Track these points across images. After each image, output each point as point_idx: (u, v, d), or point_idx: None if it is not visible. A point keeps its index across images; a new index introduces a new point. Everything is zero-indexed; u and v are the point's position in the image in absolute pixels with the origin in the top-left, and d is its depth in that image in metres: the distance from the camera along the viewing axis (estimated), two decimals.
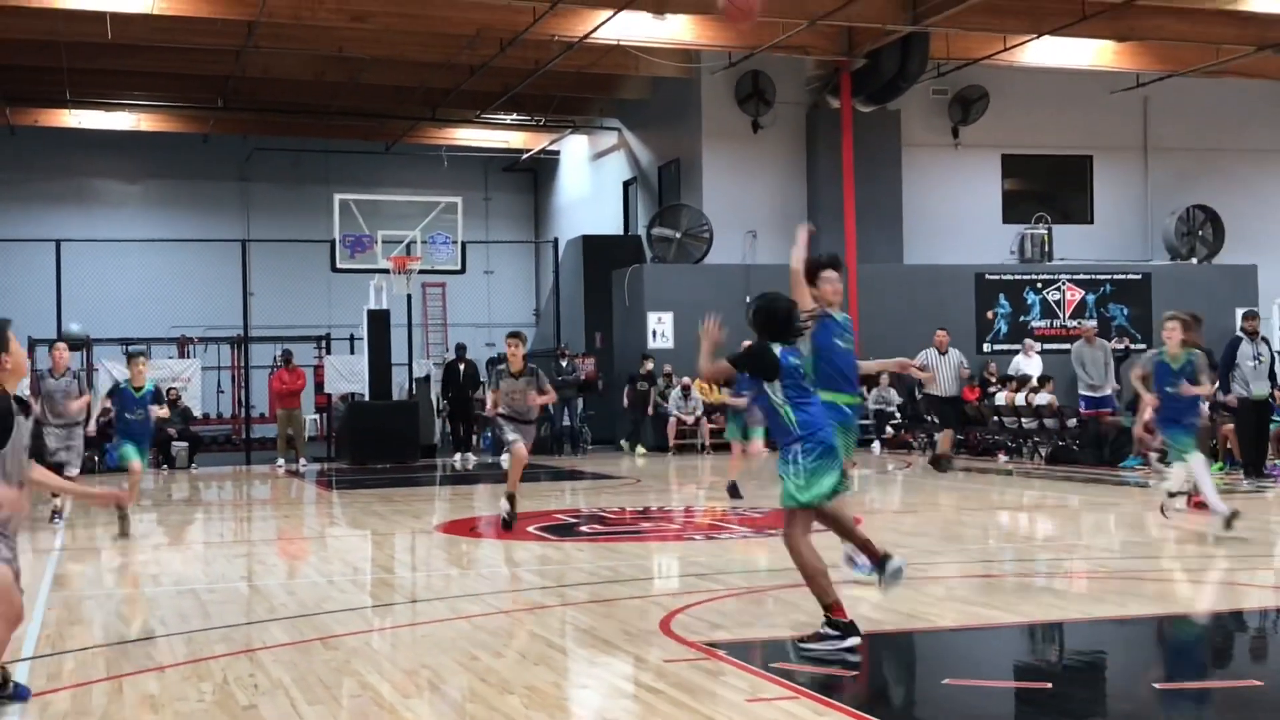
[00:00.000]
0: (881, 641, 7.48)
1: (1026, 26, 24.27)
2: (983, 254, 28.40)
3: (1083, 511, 15.22)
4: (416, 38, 24.82)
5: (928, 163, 28.75)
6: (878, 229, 27.43)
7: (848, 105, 26.93)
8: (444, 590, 9.94)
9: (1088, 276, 28.29)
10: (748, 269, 26.68)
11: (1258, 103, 29.71)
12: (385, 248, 24.66)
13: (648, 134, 31.04)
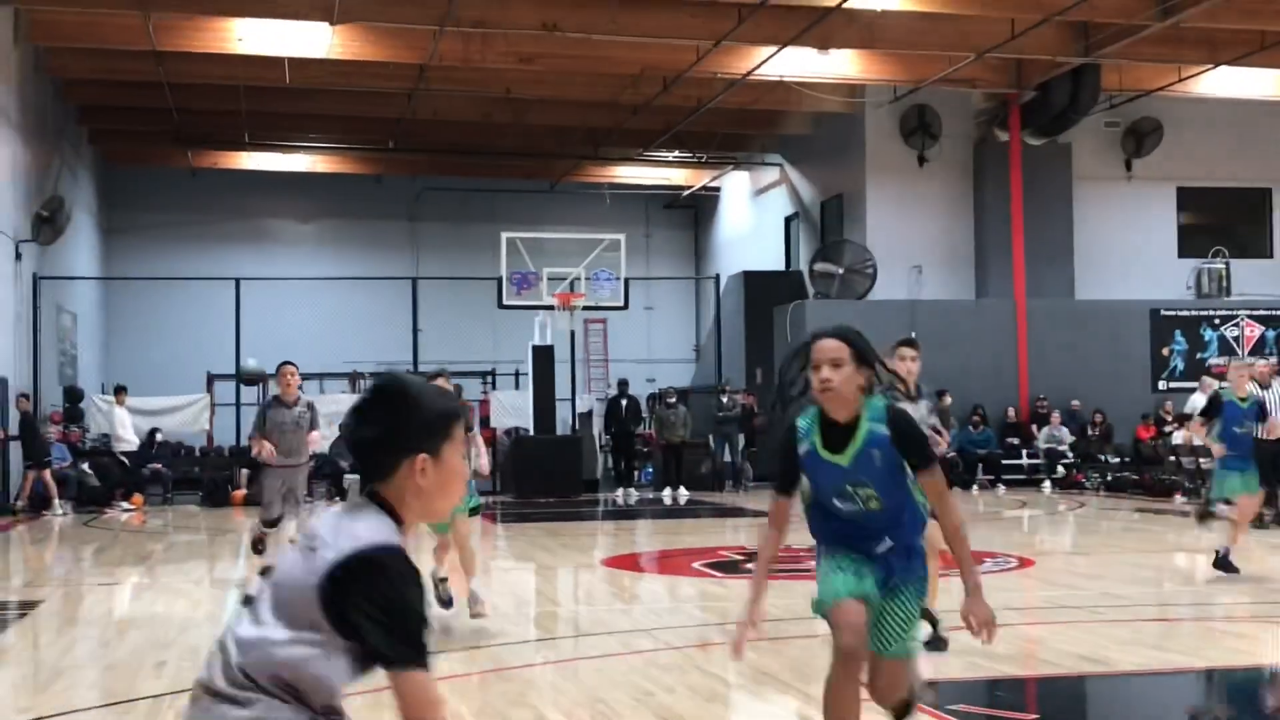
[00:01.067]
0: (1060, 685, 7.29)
1: (1202, 57, 23.74)
2: (1158, 289, 27.77)
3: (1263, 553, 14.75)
4: (581, 78, 25.14)
5: (1100, 197, 28.20)
6: (1048, 264, 26.99)
7: (1016, 139, 26.62)
8: (612, 625, 9.95)
9: (1268, 312, 27.51)
10: (913, 304, 26.40)
11: None
12: (550, 284, 24.93)
13: (810, 169, 30.95)
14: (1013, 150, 26.70)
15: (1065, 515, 20.07)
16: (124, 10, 20.89)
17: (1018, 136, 26.58)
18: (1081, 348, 26.33)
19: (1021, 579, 12.43)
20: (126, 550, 16.74)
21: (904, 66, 24.31)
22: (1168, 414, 24.72)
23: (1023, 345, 26.37)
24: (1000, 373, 26.29)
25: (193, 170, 32.30)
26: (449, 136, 30.37)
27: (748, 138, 31.24)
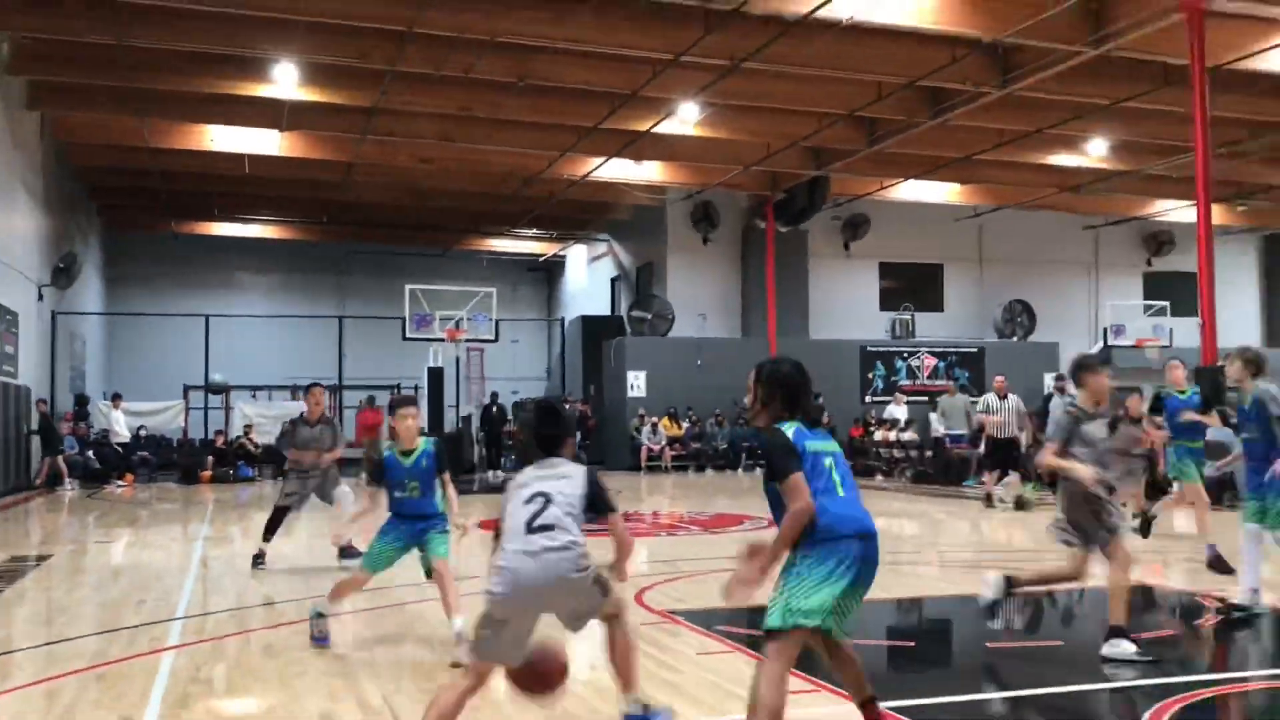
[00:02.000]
0: None
1: (897, 173, 24.51)
2: (865, 332, 28.53)
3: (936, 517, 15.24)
4: (468, 174, 24.99)
5: (827, 267, 28.93)
6: (792, 313, 27.56)
7: (770, 226, 27.11)
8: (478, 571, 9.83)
9: (939, 349, 28.43)
10: (699, 341, 26.74)
11: (1059, 227, 29.99)
12: (441, 323, 24.65)
13: (629, 244, 31.19)
14: (768, 234, 27.19)
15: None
16: (126, 116, 20.18)
17: (772, 225, 27.07)
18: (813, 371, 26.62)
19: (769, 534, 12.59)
20: (120, 517, 16.09)
21: (694, 174, 24.66)
22: (871, 419, 25.39)
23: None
24: None
25: (175, 234, 31.26)
26: (370, 214, 29.92)
27: (585, 220, 31.42)
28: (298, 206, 29.36)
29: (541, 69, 17.23)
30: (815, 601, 4.05)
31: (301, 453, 10.22)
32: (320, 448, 10.31)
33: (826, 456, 4.23)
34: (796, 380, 4.47)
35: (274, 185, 26.10)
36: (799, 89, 18.57)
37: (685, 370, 26.13)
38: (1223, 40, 15.82)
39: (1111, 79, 17.83)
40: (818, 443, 4.25)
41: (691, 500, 17.68)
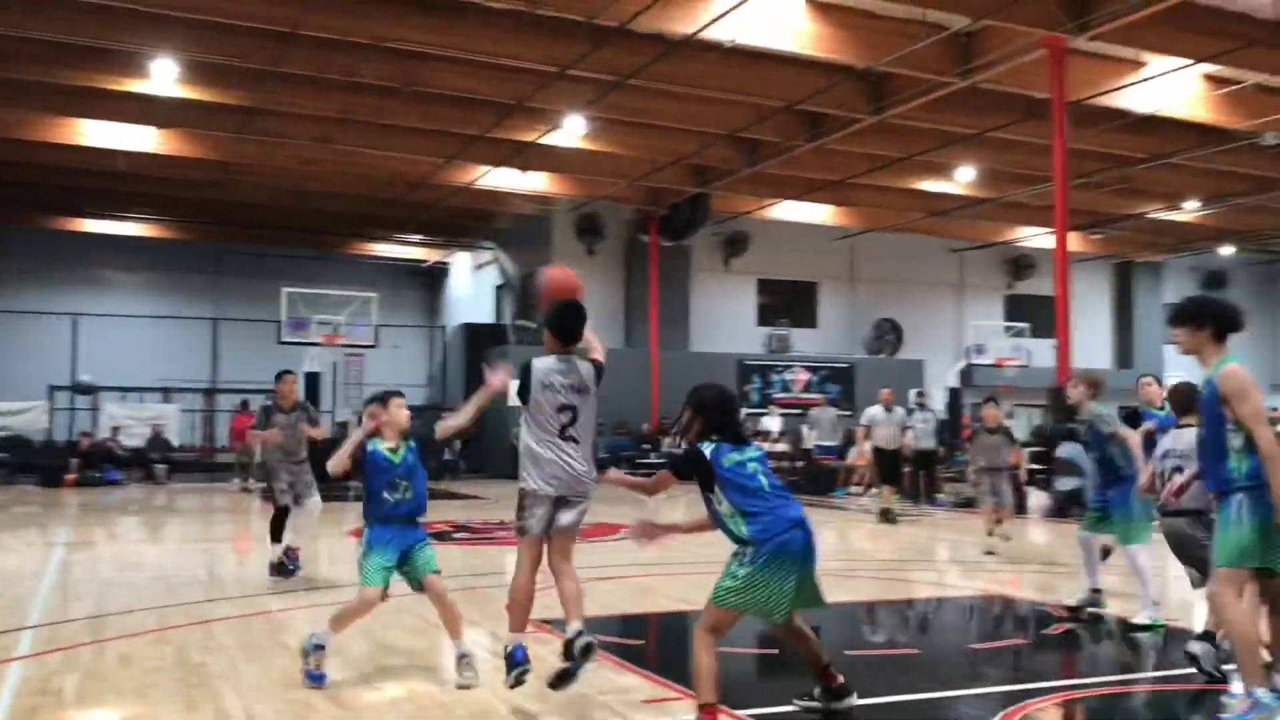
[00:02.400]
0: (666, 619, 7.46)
1: (775, 193, 24.92)
2: (744, 346, 28.88)
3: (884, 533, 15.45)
4: (350, 178, 24.43)
5: (708, 282, 29.21)
6: (674, 326, 27.74)
7: (654, 240, 27.26)
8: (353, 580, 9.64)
9: (813, 365, 28.94)
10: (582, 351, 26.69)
11: (927, 250, 30.83)
12: (319, 328, 24.13)
13: (514, 253, 30.96)
14: (652, 248, 27.34)
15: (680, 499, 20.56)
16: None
17: (655, 239, 27.22)
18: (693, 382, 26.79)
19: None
20: None
21: (580, 186, 24.66)
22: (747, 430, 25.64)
23: (655, 379, 27.00)
24: (640, 399, 26.84)
25: (42, 230, 29.90)
26: (248, 214, 29.01)
27: (471, 227, 31.07)
28: (173, 205, 28.38)
29: (428, 75, 17.03)
30: (772, 601, 4.69)
31: (270, 432, 9.37)
32: (298, 429, 9.47)
33: (750, 463, 4.81)
34: (718, 404, 5.03)
35: (149, 183, 25.12)
36: (683, 107, 18.74)
37: None
38: (1082, 77, 16.52)
39: (978, 110, 18.44)
40: (736, 454, 4.80)
41: None
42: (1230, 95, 17.36)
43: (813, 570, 4.83)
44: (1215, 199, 24.26)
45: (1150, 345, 33.29)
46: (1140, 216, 26.27)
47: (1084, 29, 14.08)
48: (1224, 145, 19.54)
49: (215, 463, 26.32)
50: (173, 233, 30.79)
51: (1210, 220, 26.98)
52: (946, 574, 10.81)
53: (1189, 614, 7.80)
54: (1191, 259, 33.57)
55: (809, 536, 4.81)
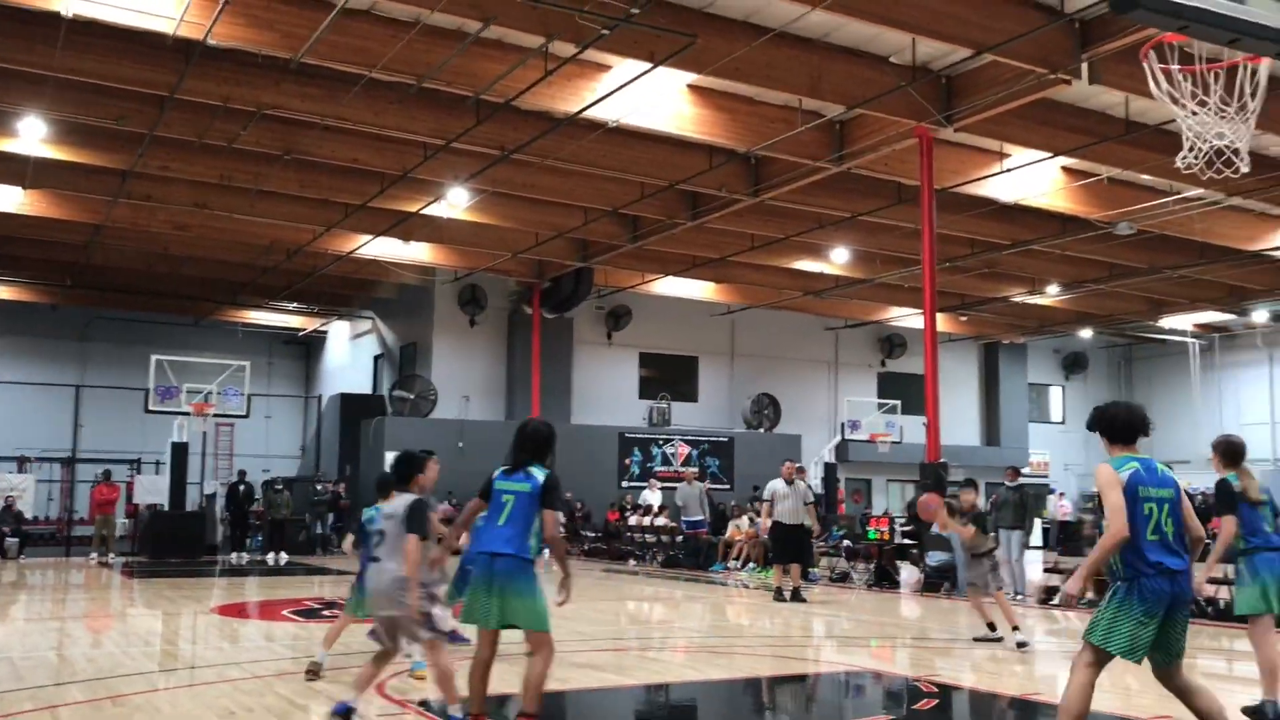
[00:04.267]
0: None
1: (657, 269, 25.27)
2: (625, 419, 28.98)
3: (683, 601, 15.47)
4: (226, 244, 23.86)
5: (590, 355, 29.33)
6: (556, 399, 27.69)
7: (537, 312, 27.31)
8: (214, 660, 9.27)
9: (693, 438, 29.16)
10: (462, 423, 26.44)
11: (804, 327, 31.54)
12: (189, 396, 23.34)
13: (394, 323, 30.68)
14: (535, 320, 27.37)
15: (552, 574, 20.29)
16: None
17: (538, 311, 27.28)
18: (573, 455, 26.89)
19: None
20: None
21: (462, 257, 24.58)
22: (628, 504, 25.64)
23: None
24: None
25: None
26: (117, 278, 28.11)
27: (349, 296, 30.66)
28: (38, 267, 27.35)
29: (308, 144, 16.88)
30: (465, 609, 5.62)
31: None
32: None
33: (506, 495, 5.74)
34: (522, 435, 5.95)
35: (12, 244, 24.18)
36: (566, 183, 18.94)
37: (447, 453, 25.55)
38: (950, 166, 17.28)
39: (852, 194, 19.09)
40: (504, 482, 5.78)
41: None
42: (1086, 187, 18.34)
43: (500, 592, 5.58)
44: (1074, 284, 25.46)
45: (1015, 423, 34.52)
46: (1005, 299, 27.38)
47: (950, 120, 14.75)
48: (1081, 234, 20.58)
49: (73, 535, 25.11)
50: (36, 296, 29.63)
51: (1069, 304, 28.28)
52: (821, 649, 10.90)
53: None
54: (1053, 341, 35.10)
55: (491, 561, 5.64)
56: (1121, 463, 5.06)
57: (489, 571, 5.62)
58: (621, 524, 24.60)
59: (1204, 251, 21.98)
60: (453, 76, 14.06)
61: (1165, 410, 35.24)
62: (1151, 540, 4.94)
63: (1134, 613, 4.90)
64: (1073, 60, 12.84)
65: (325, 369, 35.42)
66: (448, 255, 24.53)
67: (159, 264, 26.26)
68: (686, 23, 12.73)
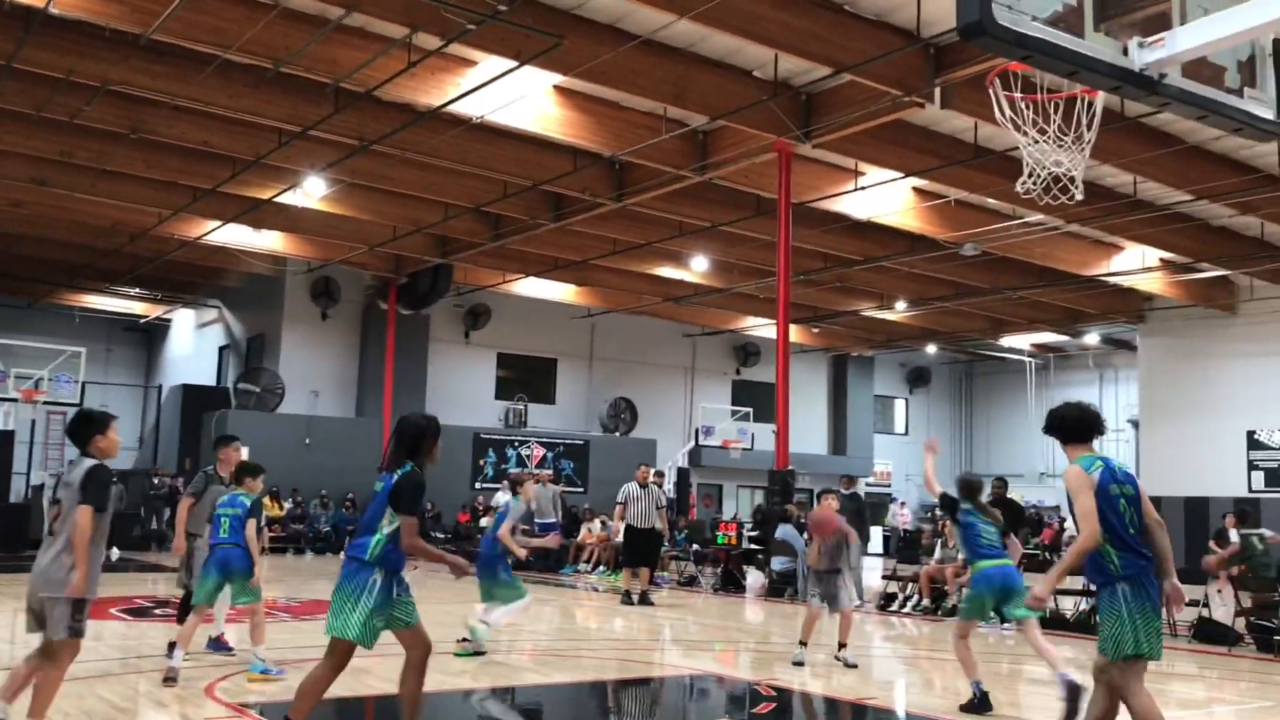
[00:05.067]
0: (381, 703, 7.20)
1: (518, 269, 25.09)
2: (481, 420, 28.71)
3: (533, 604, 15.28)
4: (65, 224, 22.66)
5: (447, 353, 28.95)
6: (409, 397, 27.17)
7: (393, 308, 26.81)
8: None
9: (549, 440, 29.08)
10: (309, 418, 25.77)
11: (661, 333, 31.79)
12: (17, 382, 22.11)
13: (242, 312, 29.68)
14: (390, 315, 26.85)
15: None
16: None
17: (394, 306, 26.77)
18: None
19: None
20: None
21: (316, 248, 23.92)
22: (480, 505, 25.40)
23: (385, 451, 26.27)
24: (368, 470, 25.96)
25: None
26: None
27: (196, 284, 29.51)
28: None
29: (157, 123, 16.17)
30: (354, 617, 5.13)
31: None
32: None
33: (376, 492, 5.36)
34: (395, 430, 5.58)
35: None
36: (428, 177, 18.64)
37: (293, 448, 25.01)
38: (807, 181, 17.67)
39: (713, 203, 19.34)
40: (378, 481, 5.42)
41: (287, 585, 16.78)
42: (935, 208, 19.01)
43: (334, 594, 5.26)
44: (920, 301, 26.36)
45: (861, 433, 35.53)
46: (855, 313, 28.16)
47: (809, 136, 15.08)
48: (929, 253, 21.32)
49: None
50: None
51: (916, 320, 29.27)
52: (666, 653, 10.98)
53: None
54: (899, 355, 36.28)
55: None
56: (1089, 462, 4.98)
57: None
58: (473, 526, 24.33)
59: (1042, 274, 23.02)
60: (312, 62, 13.67)
61: (1002, 426, 36.89)
62: (1132, 535, 4.88)
63: (1147, 608, 4.79)
64: (926, 84, 13.27)
65: (167, 358, 34.03)
66: (301, 245, 23.84)
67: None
68: (554, 23, 12.68)
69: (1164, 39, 4.38)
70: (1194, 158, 16.20)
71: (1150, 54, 4.32)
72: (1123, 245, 21.34)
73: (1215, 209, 18.44)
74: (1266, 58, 4.93)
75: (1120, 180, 17.33)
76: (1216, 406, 24.02)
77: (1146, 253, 21.33)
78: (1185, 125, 15.16)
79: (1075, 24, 4.27)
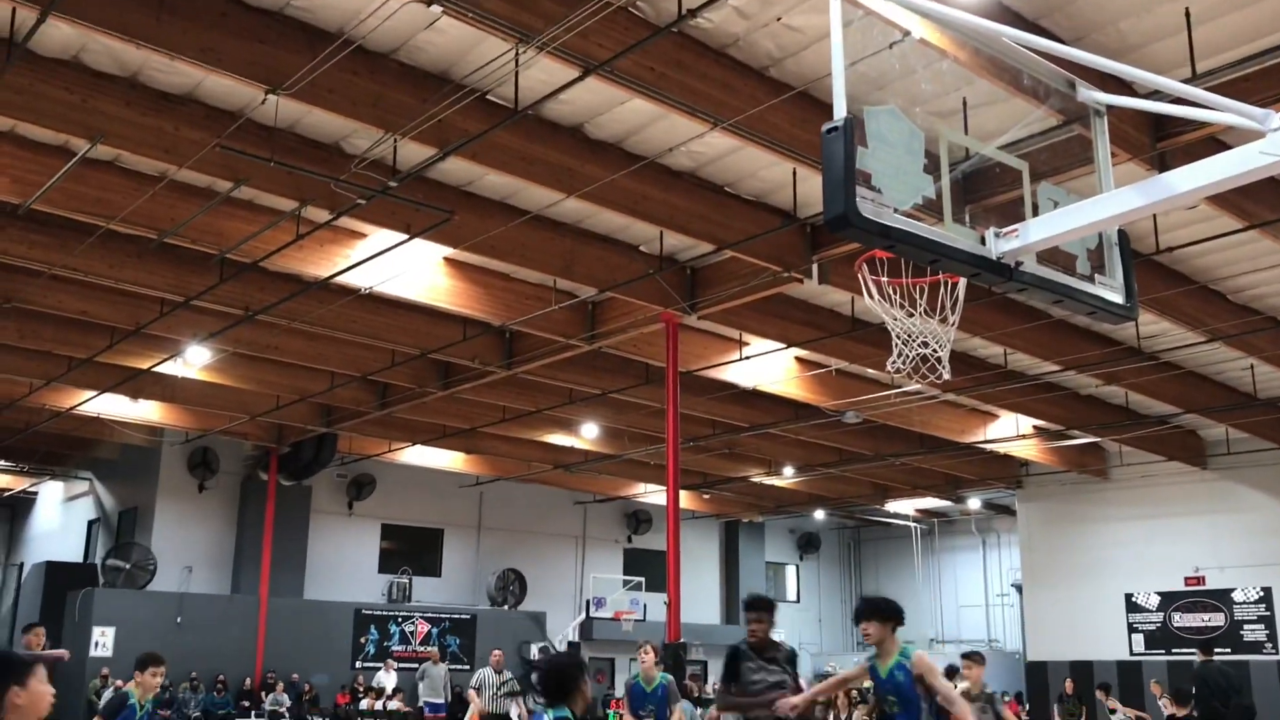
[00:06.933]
0: None
1: (404, 437, 24.80)
2: (363, 594, 27.80)
3: None
4: None
5: (329, 525, 28.16)
6: (287, 571, 26.30)
7: (274, 479, 26.13)
8: None
9: (434, 615, 28.21)
10: (182, 596, 24.62)
11: (553, 500, 31.55)
12: None
13: (114, 485, 28.55)
14: (270, 486, 26.14)
15: None
16: None
17: (275, 477, 26.10)
18: (304, 633, 25.61)
19: None
20: None
21: (195, 418, 23.35)
22: (360, 686, 24.37)
23: (262, 630, 25.22)
24: (243, 650, 24.87)
25: None
26: None
27: (65, 455, 28.34)
28: None
29: (33, 292, 15.79)
30: None
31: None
32: None
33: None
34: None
35: None
36: (313, 346, 18.49)
37: (163, 627, 23.76)
38: (694, 350, 18.04)
39: (603, 372, 19.55)
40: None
41: None
42: (817, 377, 19.54)
43: None
44: (807, 467, 26.77)
45: None
46: (744, 479, 28.41)
47: (695, 308, 15.49)
48: (813, 420, 21.80)
49: None
50: None
51: (803, 486, 29.66)
52: None
53: None
54: (789, 520, 36.55)
55: None
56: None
57: None
58: (353, 707, 23.26)
59: (923, 441, 23.67)
60: (198, 234, 13.63)
61: (890, 589, 37.08)
62: None
63: None
64: (804, 261, 13.84)
65: (31, 533, 32.38)
66: (179, 415, 23.25)
67: None
68: (445, 198, 12.93)
69: (1018, 229, 4.69)
70: (1060, 331, 17.07)
71: (1006, 244, 4.61)
72: (997, 413, 22.16)
73: (1082, 379, 19.35)
74: (1113, 246, 5.30)
75: (992, 351, 18.12)
76: (1094, 570, 24.66)
77: (1020, 420, 22.17)
78: None
79: (935, 214, 4.55)
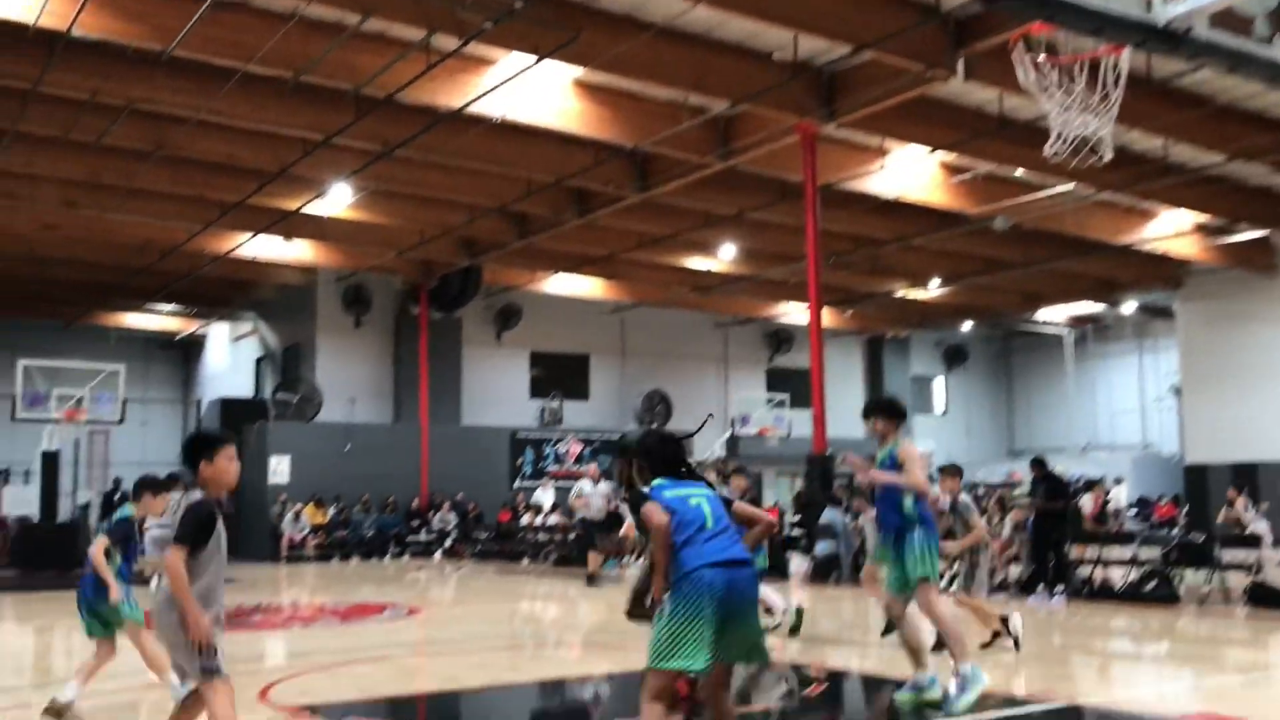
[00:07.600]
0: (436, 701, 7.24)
1: (546, 266, 25.15)
2: (516, 419, 28.78)
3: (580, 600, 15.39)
4: (96, 245, 23.04)
5: (479, 355, 29.03)
6: (444, 399, 27.37)
7: (424, 312, 26.96)
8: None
9: (585, 436, 29.11)
10: (348, 426, 25.95)
11: (693, 324, 31.71)
12: (59, 403, 22.41)
13: (276, 324, 29.94)
14: (422, 320, 27.01)
15: (449, 576, 20.10)
16: None
17: (425, 311, 26.92)
18: (464, 457, 26.76)
19: (409, 622, 12.31)
20: None
21: (347, 256, 24.13)
22: (520, 503, 25.49)
23: (425, 454, 26.49)
24: (407, 475, 26.23)
25: None
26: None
27: (229, 297, 29.79)
28: None
29: (181, 140, 16.34)
30: (683, 643, 4.22)
31: None
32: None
33: (693, 498, 4.53)
34: (648, 448, 4.92)
35: None
36: (452, 179, 18.71)
37: (332, 456, 25.22)
38: (832, 162, 17.55)
39: (737, 191, 19.27)
40: (679, 489, 4.56)
41: (333, 590, 16.93)
42: (964, 183, 18.84)
43: (744, 617, 4.39)
44: (953, 278, 26.16)
45: None
46: (888, 294, 27.99)
47: (832, 116, 15.00)
48: (960, 229, 21.14)
49: None
50: None
51: (950, 298, 29.05)
52: None
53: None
54: (935, 334, 35.98)
55: (735, 578, 4.33)
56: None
57: (732, 589, 4.49)
58: (514, 524, 24.43)
59: (1076, 245, 22.76)
60: (332, 70, 13.77)
61: (1041, 399, 36.54)
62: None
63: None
64: (949, 58, 13.16)
65: (205, 373, 34.41)
66: (331, 254, 24.05)
67: (25, 266, 25.18)
68: (571, 17, 12.68)
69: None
70: (1226, 118, 15.97)
71: (1174, 7, 4.26)
72: (1156, 211, 21.08)
73: (1250, 169, 18.18)
74: None
75: (1150, 145, 17.11)
76: (1260, 370, 23.67)
77: (1180, 217, 21.06)
78: (1216, 85, 14.96)
79: None
